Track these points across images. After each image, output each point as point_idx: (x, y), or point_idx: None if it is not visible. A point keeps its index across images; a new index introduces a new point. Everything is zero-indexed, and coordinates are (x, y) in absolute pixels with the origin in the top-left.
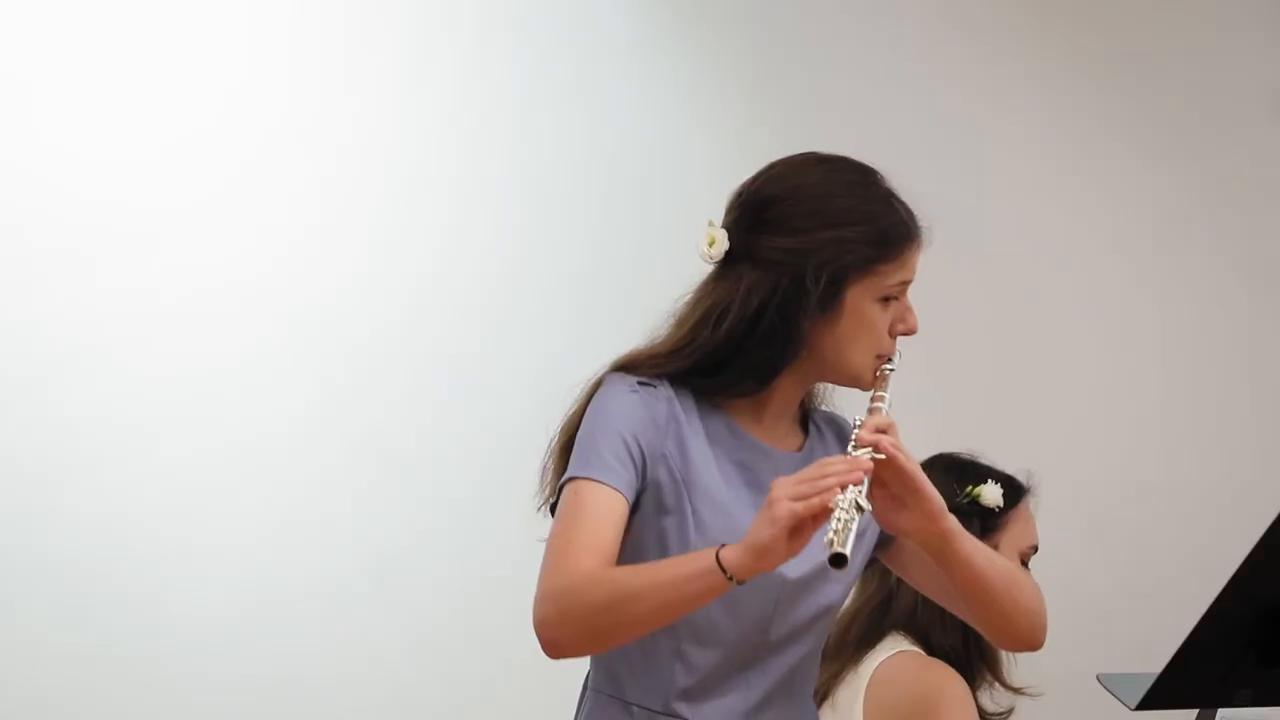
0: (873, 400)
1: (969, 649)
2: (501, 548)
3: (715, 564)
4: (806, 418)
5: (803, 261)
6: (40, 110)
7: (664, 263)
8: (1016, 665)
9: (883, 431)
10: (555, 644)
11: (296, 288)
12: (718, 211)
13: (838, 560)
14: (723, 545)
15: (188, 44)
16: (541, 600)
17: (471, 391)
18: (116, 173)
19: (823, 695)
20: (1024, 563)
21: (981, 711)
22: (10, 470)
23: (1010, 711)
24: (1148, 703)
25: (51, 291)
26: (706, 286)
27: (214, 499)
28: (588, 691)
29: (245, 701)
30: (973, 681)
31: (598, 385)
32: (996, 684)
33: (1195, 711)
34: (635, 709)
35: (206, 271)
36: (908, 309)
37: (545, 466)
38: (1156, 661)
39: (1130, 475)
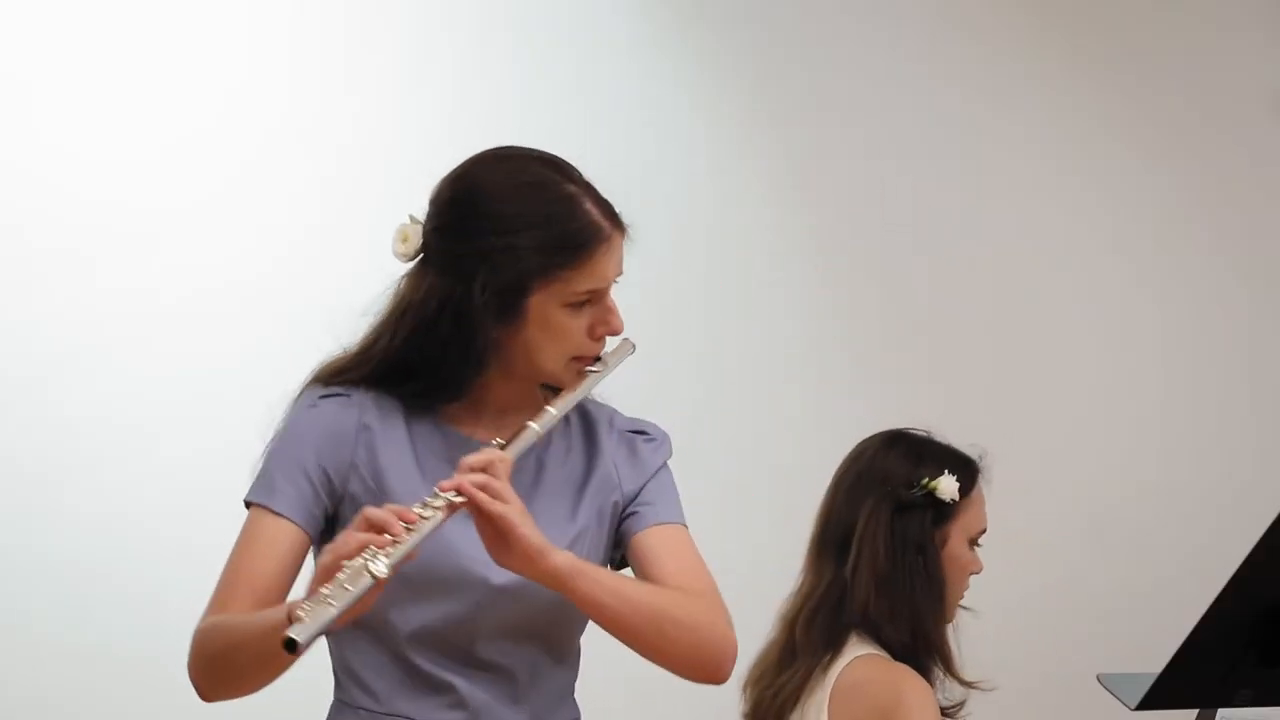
0: (536, 416)
1: (917, 642)
2: None
3: (286, 618)
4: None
5: (475, 268)
6: (40, 110)
7: (663, 262)
8: (962, 658)
9: (482, 469)
10: (198, 688)
11: (296, 288)
12: (718, 210)
13: (288, 645)
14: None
15: (188, 44)
16: (191, 641)
17: None
18: (116, 173)
19: (792, 703)
20: (973, 545)
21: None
22: (10, 470)
23: (962, 705)
24: (1148, 703)
25: (51, 291)
26: (397, 286)
27: (214, 499)
28: (334, 703)
29: (245, 701)
30: (927, 673)
31: (298, 395)
32: (949, 678)
33: (1195, 711)
34: (362, 712)
35: (206, 271)
36: (608, 310)
37: (255, 467)
38: (1156, 661)
39: (1130, 475)
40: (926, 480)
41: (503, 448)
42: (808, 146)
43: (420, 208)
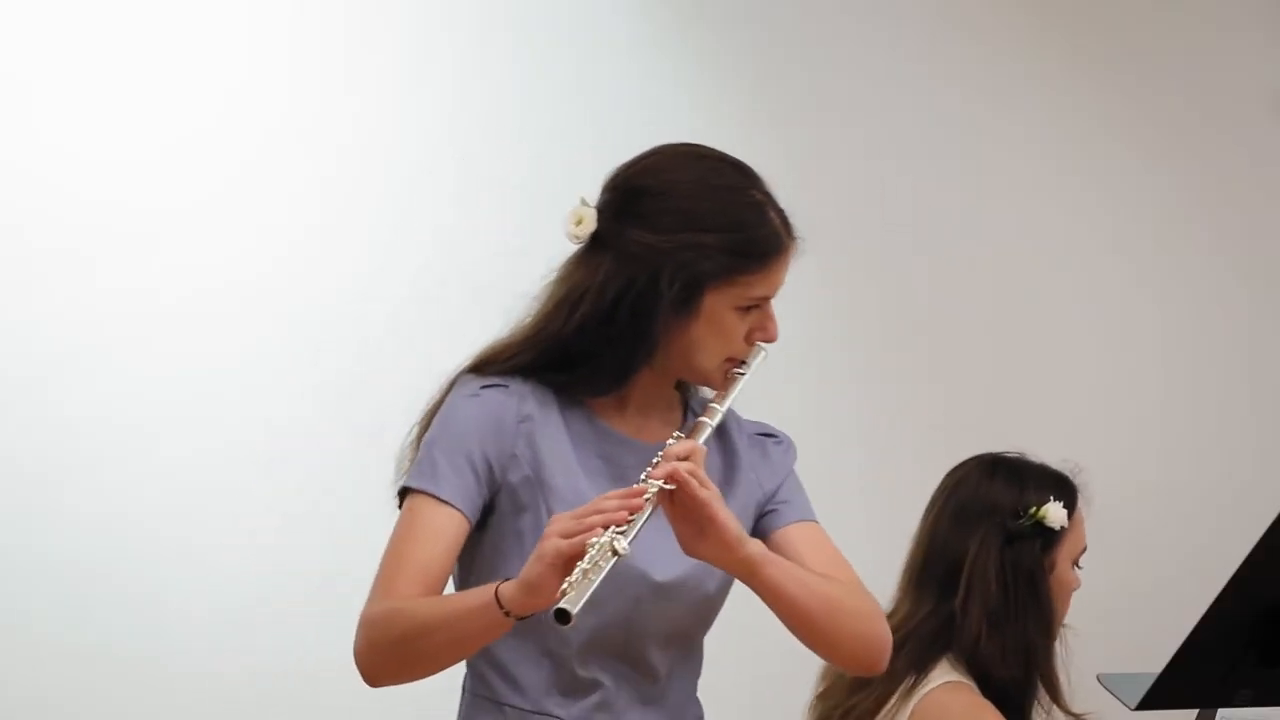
0: (703, 412)
1: (1029, 676)
2: None
3: (494, 599)
4: (687, 405)
5: (661, 261)
6: (40, 110)
7: None
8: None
9: (684, 458)
10: (369, 673)
11: (296, 288)
12: None
13: (560, 616)
14: (505, 579)
15: (187, 44)
16: (359, 628)
17: None
18: (116, 173)
19: None
20: (1075, 565)
21: None
22: (10, 470)
23: None
24: (1148, 703)
25: (51, 291)
26: (568, 270)
27: (214, 499)
28: (464, 695)
29: (246, 701)
30: (1028, 707)
31: (452, 384)
32: (1056, 709)
33: (1195, 711)
34: (508, 709)
35: (206, 271)
36: (769, 317)
37: (402, 456)
38: (1156, 661)
39: (1130, 475)
40: (1035, 509)
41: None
42: (808, 146)
43: (421, 207)
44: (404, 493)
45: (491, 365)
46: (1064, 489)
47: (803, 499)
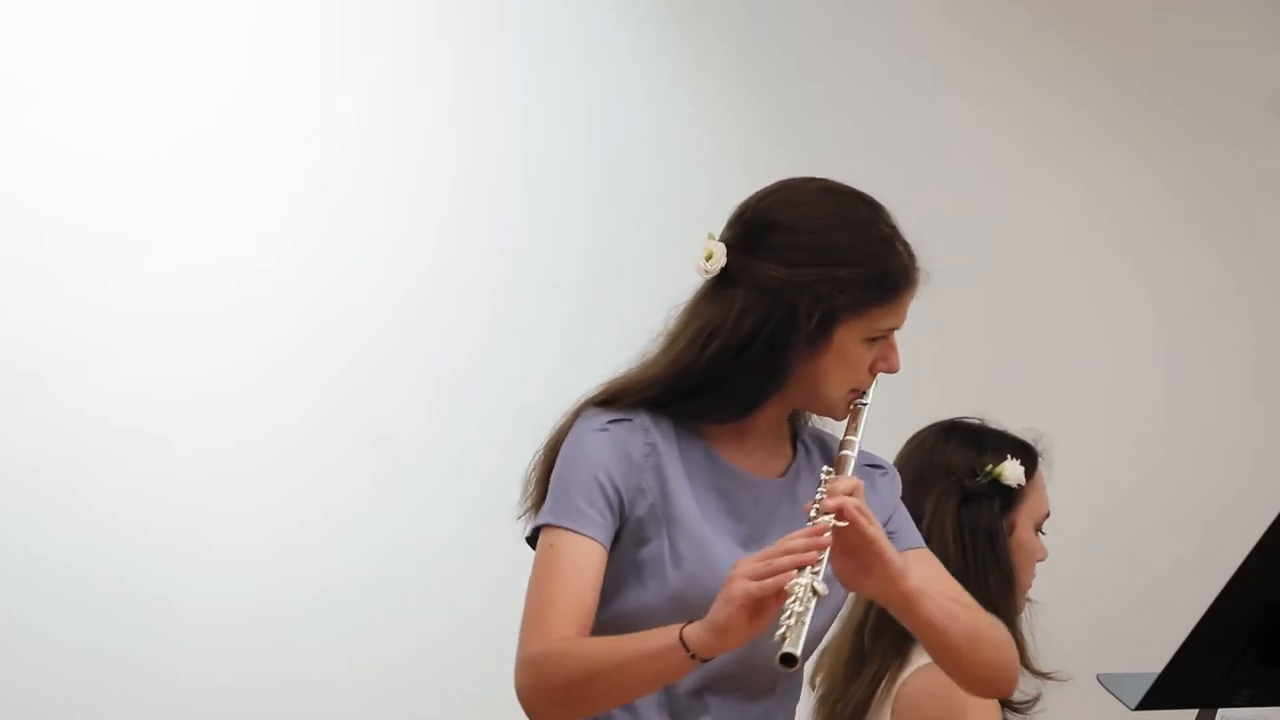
0: (842, 446)
1: None
2: (503, 547)
3: (679, 643)
4: (796, 436)
5: (798, 295)
6: (41, 110)
7: (663, 262)
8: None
9: (849, 494)
10: (535, 713)
11: (296, 287)
12: (718, 210)
13: (787, 660)
14: (689, 622)
15: (188, 44)
16: (519, 666)
17: (471, 391)
18: (116, 173)
19: (860, 715)
20: (1038, 531)
21: (1008, 701)
22: (10, 470)
23: (1037, 699)
24: (1148, 703)
25: (52, 291)
26: (699, 304)
27: (214, 499)
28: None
29: (246, 701)
30: None
31: (575, 416)
32: (1024, 670)
33: (1195, 711)
34: None
35: (206, 271)
36: (891, 348)
37: (529, 476)
38: (1156, 661)
39: (1130, 475)
40: (991, 467)
41: (831, 475)
42: (807, 146)
43: (421, 207)
44: (536, 530)
45: (621, 399)
46: (1023, 451)
47: (912, 528)
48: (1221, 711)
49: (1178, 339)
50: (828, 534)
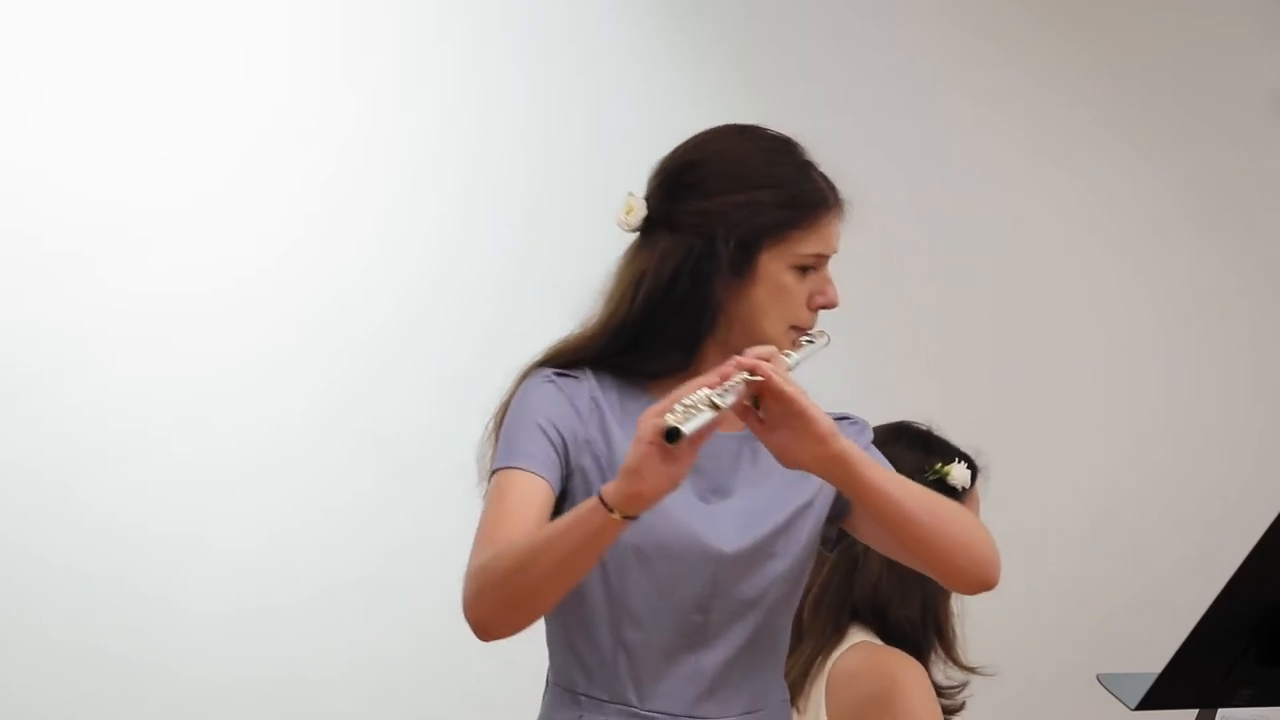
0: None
1: (925, 621)
2: None
3: (598, 501)
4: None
5: (715, 223)
6: (41, 110)
7: None
8: (966, 646)
9: (764, 360)
10: (480, 623)
11: (297, 288)
12: None
13: (671, 435)
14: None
15: (188, 44)
16: (466, 581)
17: (471, 390)
18: (116, 173)
19: (799, 689)
20: None
21: (935, 686)
22: (10, 470)
23: (964, 686)
24: (1148, 703)
25: (52, 291)
26: (626, 258)
27: (214, 499)
28: (548, 686)
29: (246, 701)
30: (925, 655)
31: (521, 379)
32: (948, 663)
33: (1195, 711)
34: (584, 699)
35: (207, 271)
36: (826, 281)
37: (481, 453)
38: (1156, 661)
39: (1130, 475)
40: (940, 466)
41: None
42: (808, 146)
43: (421, 207)
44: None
45: (561, 357)
46: (968, 461)
47: (886, 463)
48: (1221, 711)
49: (1178, 339)
50: (733, 380)
